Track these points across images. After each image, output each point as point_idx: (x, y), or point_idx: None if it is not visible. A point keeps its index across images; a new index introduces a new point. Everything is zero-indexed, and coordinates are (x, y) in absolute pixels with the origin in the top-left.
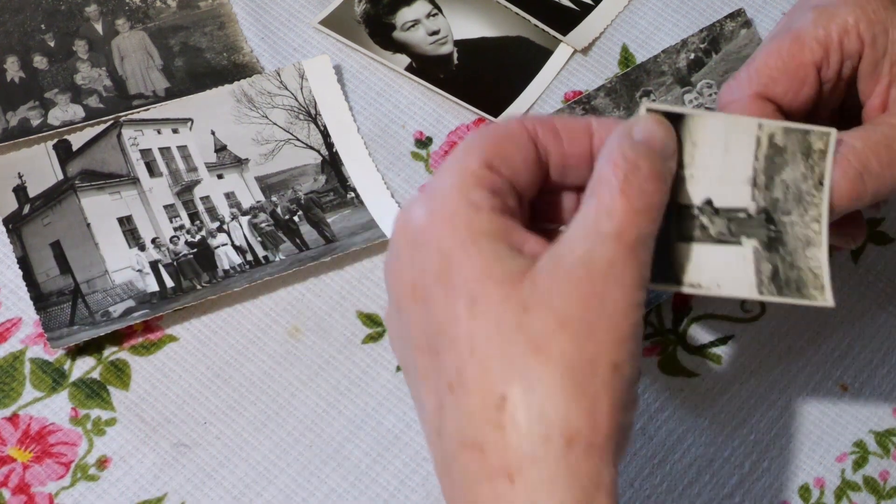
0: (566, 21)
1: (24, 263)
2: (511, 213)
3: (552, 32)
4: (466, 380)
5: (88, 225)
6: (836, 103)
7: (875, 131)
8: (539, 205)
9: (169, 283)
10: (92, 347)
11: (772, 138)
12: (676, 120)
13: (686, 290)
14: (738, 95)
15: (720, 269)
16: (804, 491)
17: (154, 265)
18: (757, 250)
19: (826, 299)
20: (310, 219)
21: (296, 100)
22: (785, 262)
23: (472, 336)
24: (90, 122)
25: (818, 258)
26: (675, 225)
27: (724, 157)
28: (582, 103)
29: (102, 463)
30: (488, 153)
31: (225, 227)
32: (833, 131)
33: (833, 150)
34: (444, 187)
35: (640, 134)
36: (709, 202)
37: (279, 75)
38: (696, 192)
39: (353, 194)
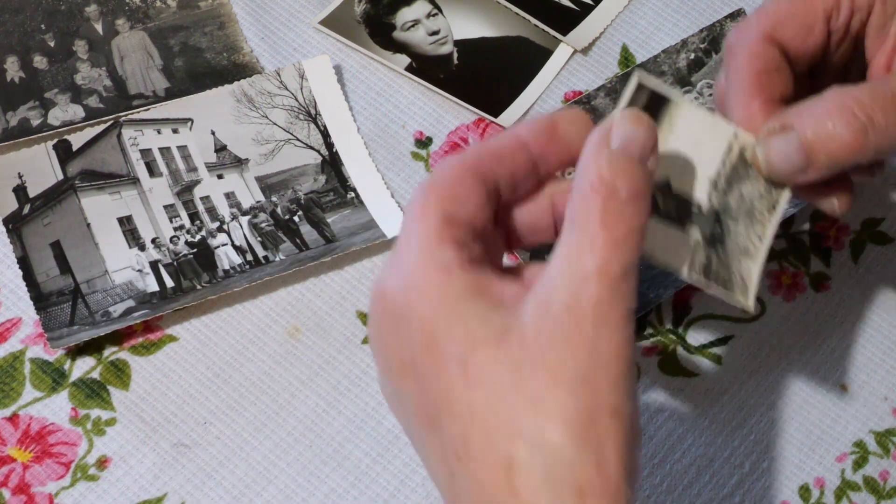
0: (566, 21)
1: (24, 263)
2: (481, 261)
3: (552, 32)
4: (472, 447)
5: (88, 225)
6: (843, 61)
7: (882, 87)
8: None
9: (169, 283)
10: (92, 347)
11: (742, 151)
12: (662, 101)
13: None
14: (745, 37)
15: (658, 240)
16: (804, 491)
17: (154, 265)
18: (697, 241)
19: (748, 304)
20: (310, 219)
21: (296, 100)
22: (720, 260)
23: (469, 403)
24: (90, 122)
25: (751, 270)
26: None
27: (693, 150)
28: (582, 103)
29: (102, 463)
30: (444, 206)
31: (225, 227)
32: None
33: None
34: (412, 256)
35: (617, 140)
36: (667, 184)
37: (279, 75)
38: (658, 172)
39: (353, 194)
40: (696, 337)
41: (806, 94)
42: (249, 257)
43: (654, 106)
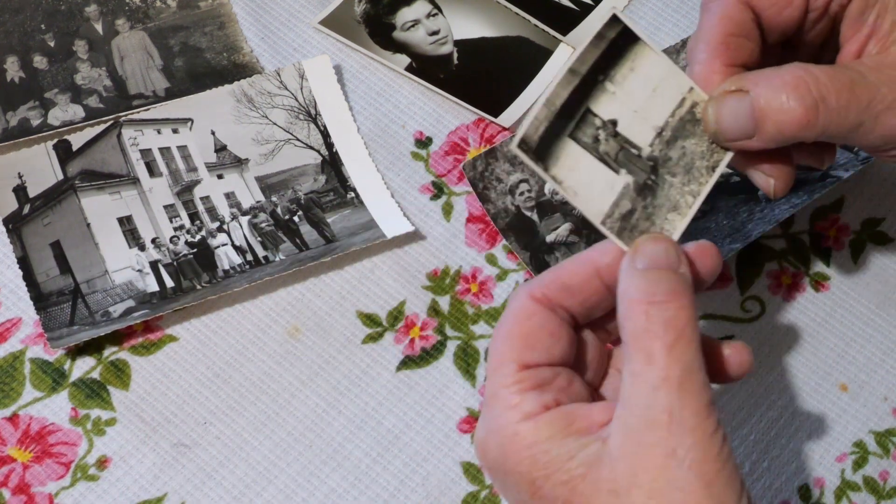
0: (566, 21)
1: (24, 263)
2: (566, 395)
3: (552, 32)
4: None
5: (88, 225)
6: (817, 41)
7: (843, 72)
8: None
9: (169, 283)
10: (92, 347)
11: (693, 106)
12: (630, 40)
13: (547, 177)
14: None
15: (585, 182)
16: (804, 491)
17: (154, 265)
18: (627, 186)
19: None
20: (310, 219)
21: (296, 100)
22: (645, 211)
23: None
24: (90, 122)
25: (675, 225)
26: (576, 123)
27: (648, 96)
28: None
29: (102, 463)
30: (518, 353)
31: (225, 227)
32: None
33: (733, 154)
34: (497, 412)
35: (641, 262)
36: (613, 122)
37: (279, 75)
38: (608, 109)
39: (353, 194)
40: None
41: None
42: (249, 257)
43: (623, 42)
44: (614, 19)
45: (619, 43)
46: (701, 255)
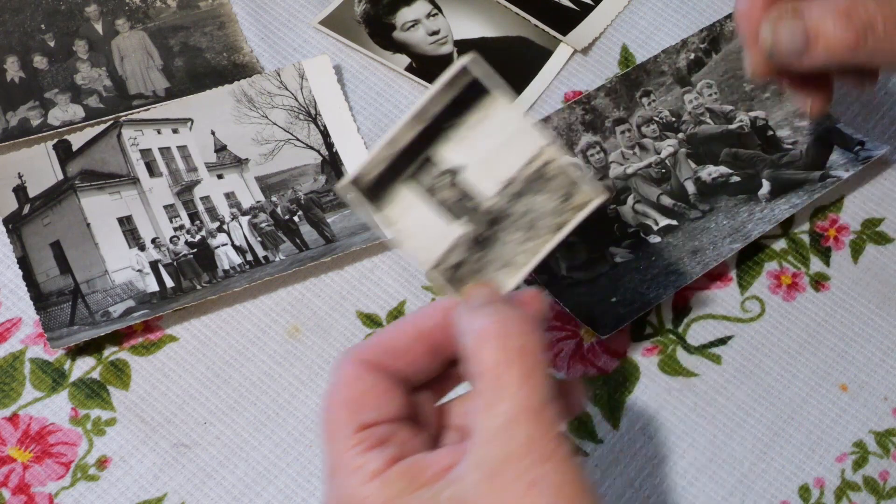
0: (566, 21)
1: (24, 263)
2: (410, 448)
3: (552, 32)
4: None
5: (88, 225)
6: None
7: (892, 3)
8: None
9: (169, 283)
10: (92, 347)
11: (546, 164)
12: (483, 90)
13: (377, 218)
14: None
15: (418, 227)
16: (804, 491)
17: (154, 265)
18: (462, 237)
19: None
20: (310, 219)
21: (296, 100)
22: (476, 263)
23: None
24: (90, 122)
25: (505, 282)
26: (416, 167)
27: (497, 148)
28: (582, 103)
29: (102, 463)
30: (352, 416)
31: (225, 227)
32: (598, 199)
33: (587, 214)
34: (341, 481)
35: (478, 302)
36: (455, 171)
37: (279, 75)
38: (451, 156)
39: None
40: (696, 337)
41: None
42: (249, 257)
43: (476, 92)
44: (465, 71)
45: (470, 92)
46: (530, 302)
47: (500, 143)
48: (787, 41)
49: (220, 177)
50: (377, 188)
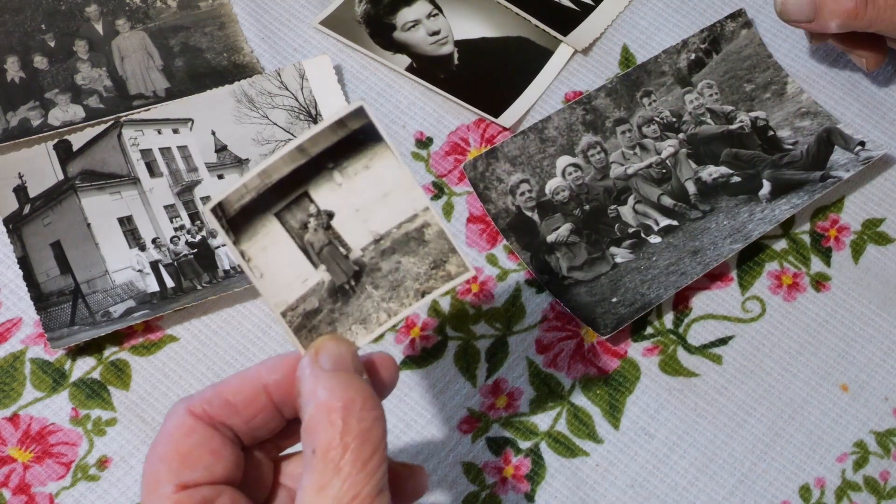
0: (566, 21)
1: (25, 263)
2: None
3: (553, 33)
4: None
5: (89, 225)
6: None
7: None
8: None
9: (169, 283)
10: (92, 348)
11: (424, 227)
12: (373, 137)
13: (233, 251)
14: None
15: (277, 267)
16: (804, 491)
17: (154, 265)
18: (321, 284)
19: None
20: None
21: (296, 100)
22: (331, 314)
23: None
24: (90, 122)
25: (358, 338)
26: (286, 202)
27: (377, 200)
28: (582, 103)
29: (103, 463)
30: (175, 473)
31: None
32: (468, 274)
33: (453, 287)
34: None
35: (327, 361)
36: (330, 214)
37: (279, 75)
38: (328, 199)
39: None
40: (696, 337)
41: None
42: None
43: (365, 137)
44: (360, 111)
45: (360, 136)
46: (383, 366)
47: (380, 195)
48: (794, 8)
49: (220, 177)
50: (240, 218)
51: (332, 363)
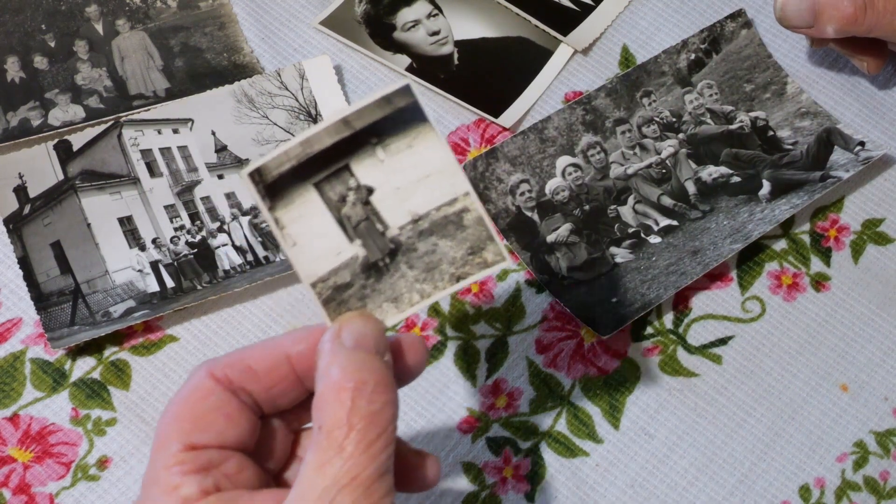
0: (566, 21)
1: (25, 263)
2: (232, 481)
3: (552, 33)
4: None
5: (89, 225)
6: None
7: None
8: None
9: (169, 283)
10: (92, 348)
11: (463, 212)
12: (418, 116)
13: (269, 217)
14: None
15: (311, 237)
16: (804, 491)
17: (154, 265)
18: (355, 259)
19: None
20: None
21: (296, 100)
22: (362, 290)
23: None
24: (90, 122)
25: (388, 316)
26: (328, 174)
27: (418, 179)
28: (582, 104)
29: (103, 463)
30: (185, 434)
31: (225, 227)
32: (505, 263)
33: (489, 274)
34: (154, 496)
35: (349, 338)
36: (370, 189)
37: (279, 75)
38: (369, 174)
39: None
40: (696, 337)
41: None
42: (250, 257)
43: (410, 116)
44: (406, 89)
45: (405, 114)
46: (409, 349)
47: (422, 175)
48: (794, 13)
49: (220, 177)
50: (278, 185)
51: (353, 340)
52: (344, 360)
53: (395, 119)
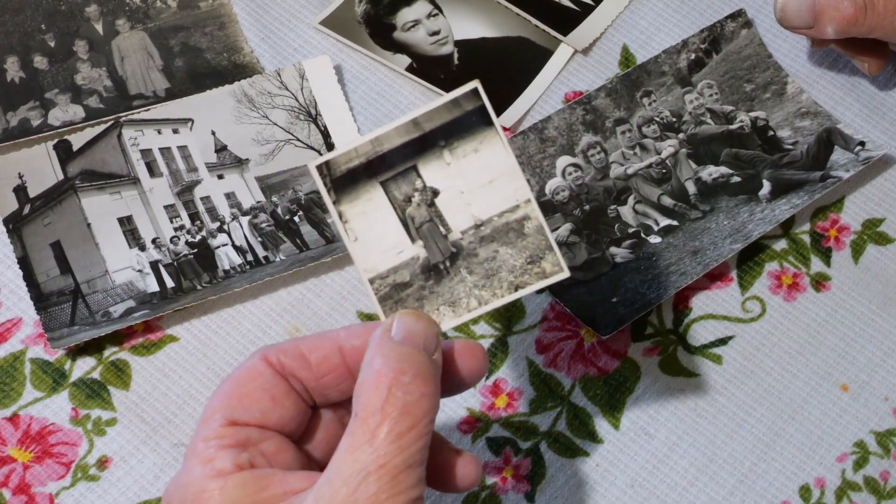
0: (567, 21)
1: (25, 263)
2: (268, 460)
3: (553, 33)
4: None
5: (89, 225)
6: None
7: None
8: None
9: (169, 283)
10: (92, 347)
11: (525, 220)
12: (485, 121)
13: (333, 210)
14: None
15: (373, 234)
16: (804, 491)
17: (154, 265)
18: (416, 259)
19: None
20: (310, 219)
21: (296, 100)
22: (421, 291)
23: None
24: (90, 122)
25: (444, 320)
26: (395, 173)
27: (483, 185)
28: (582, 103)
29: (103, 463)
30: (231, 407)
31: (225, 227)
32: (563, 274)
33: (548, 285)
34: (191, 465)
35: (399, 333)
36: (435, 192)
37: (279, 75)
38: (436, 176)
39: None
40: (696, 337)
41: None
42: (250, 257)
43: (477, 120)
44: (475, 92)
45: (473, 118)
46: (465, 354)
47: (486, 180)
48: (794, 14)
49: (220, 177)
50: (345, 180)
51: (402, 335)
52: (389, 350)
53: (463, 122)
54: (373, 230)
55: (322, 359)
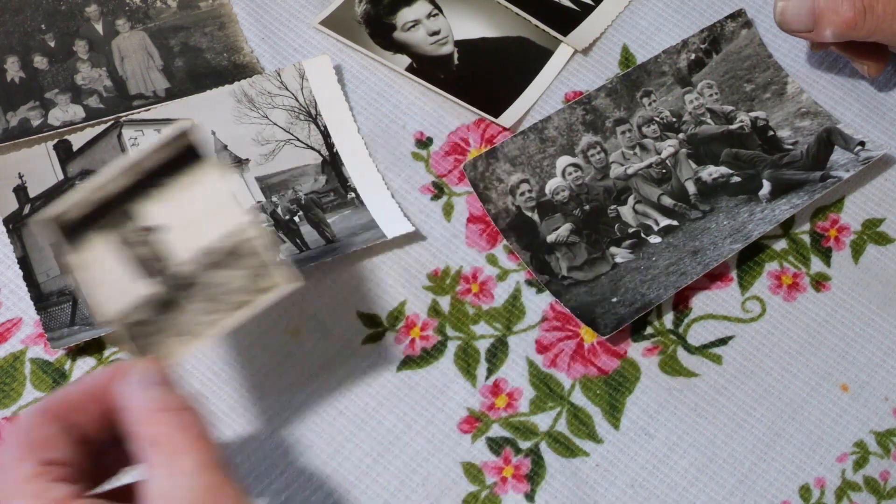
0: (566, 21)
1: (25, 263)
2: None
3: (552, 33)
4: None
5: None
6: None
7: None
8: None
9: None
10: (92, 347)
11: (244, 241)
12: (196, 156)
13: (68, 260)
14: None
15: (106, 278)
16: (804, 491)
17: None
18: (147, 296)
19: None
20: (310, 219)
21: (296, 100)
22: (156, 325)
23: None
24: (90, 122)
25: (171, 354)
26: (115, 217)
27: (200, 215)
28: (582, 104)
29: None
30: (36, 454)
31: None
32: (286, 287)
33: (272, 301)
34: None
35: (140, 380)
36: (150, 229)
37: (279, 75)
38: (155, 214)
39: (353, 194)
40: (696, 337)
41: None
42: None
43: (189, 156)
44: (183, 135)
45: (185, 155)
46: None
47: (203, 211)
48: (793, 18)
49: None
50: (77, 229)
51: (145, 380)
52: (143, 391)
53: (178, 160)
54: (105, 275)
55: (79, 403)
